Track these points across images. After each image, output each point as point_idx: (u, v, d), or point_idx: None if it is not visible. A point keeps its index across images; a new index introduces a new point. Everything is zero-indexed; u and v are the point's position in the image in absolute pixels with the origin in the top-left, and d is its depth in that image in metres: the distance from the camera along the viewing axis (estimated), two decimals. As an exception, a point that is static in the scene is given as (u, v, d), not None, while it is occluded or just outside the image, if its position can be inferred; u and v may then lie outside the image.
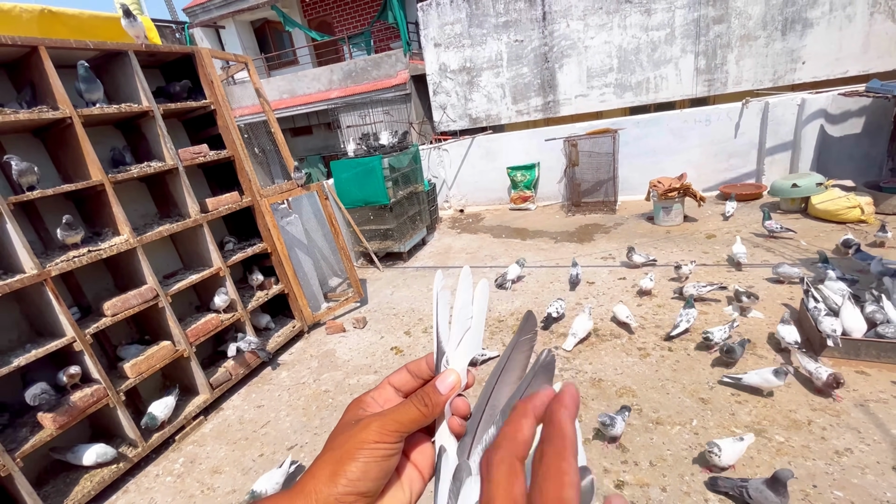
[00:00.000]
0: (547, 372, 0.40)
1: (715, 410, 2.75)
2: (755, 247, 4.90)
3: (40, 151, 3.11)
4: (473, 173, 8.68)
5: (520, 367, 0.42)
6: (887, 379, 2.76)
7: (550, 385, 0.38)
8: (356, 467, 0.36)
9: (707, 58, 7.34)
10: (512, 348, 0.43)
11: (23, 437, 2.57)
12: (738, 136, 6.78)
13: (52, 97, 2.77)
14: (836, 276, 3.59)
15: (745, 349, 3.14)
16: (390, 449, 0.38)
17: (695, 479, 2.33)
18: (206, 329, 3.59)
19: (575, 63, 8.10)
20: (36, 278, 2.57)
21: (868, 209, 5.05)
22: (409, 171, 6.64)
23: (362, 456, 0.36)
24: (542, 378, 0.39)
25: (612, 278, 4.78)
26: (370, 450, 0.37)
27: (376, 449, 0.37)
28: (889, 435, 2.39)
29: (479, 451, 0.39)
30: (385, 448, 0.37)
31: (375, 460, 0.37)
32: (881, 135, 5.83)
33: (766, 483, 2.03)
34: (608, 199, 7.37)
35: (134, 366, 3.07)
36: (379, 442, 0.37)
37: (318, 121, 11.62)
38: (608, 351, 3.52)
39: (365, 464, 0.36)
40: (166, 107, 3.41)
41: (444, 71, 9.07)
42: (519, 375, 0.41)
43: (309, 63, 12.58)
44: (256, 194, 4.05)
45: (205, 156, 3.69)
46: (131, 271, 3.27)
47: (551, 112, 8.61)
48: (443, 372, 0.42)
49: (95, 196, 3.05)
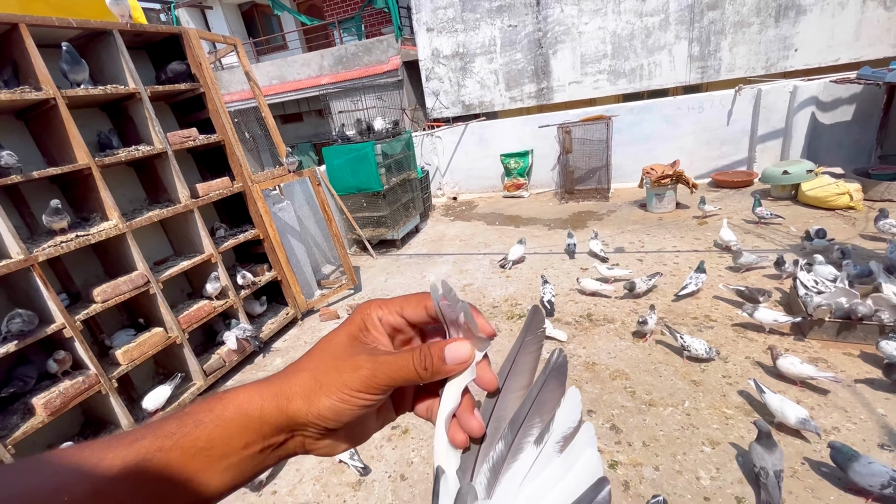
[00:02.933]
0: (559, 376, 0.36)
1: (706, 392, 2.79)
2: (746, 233, 4.95)
3: (24, 134, 3.02)
4: (467, 161, 8.63)
5: (528, 371, 0.37)
6: (873, 360, 2.82)
7: (563, 390, 0.35)
8: (329, 406, 0.35)
9: (701, 44, 7.32)
10: (518, 349, 0.38)
11: (14, 424, 2.54)
12: (730, 124, 6.81)
13: (35, 77, 2.69)
14: (824, 260, 3.63)
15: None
16: (370, 401, 0.36)
17: (687, 458, 2.37)
18: (198, 316, 3.56)
19: (569, 49, 8.04)
20: (22, 263, 2.52)
21: (857, 196, 5.11)
22: (402, 157, 6.58)
23: (339, 398, 0.35)
24: (554, 383, 0.36)
25: (609, 263, 4.79)
26: (349, 396, 0.35)
27: (356, 398, 0.35)
28: (875, 414, 2.45)
29: (485, 472, 0.34)
30: (365, 399, 0.36)
31: (350, 408, 0.36)
32: (871, 122, 5.88)
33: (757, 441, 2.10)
34: (601, 186, 7.39)
35: (126, 352, 3.04)
36: (362, 392, 0.35)
37: (309, 107, 11.44)
38: (601, 335, 3.55)
39: (340, 408, 0.35)
40: (154, 89, 3.32)
41: (436, 56, 8.95)
42: (528, 381, 0.37)
43: (298, 48, 12.35)
44: (248, 180, 3.99)
45: (194, 140, 3.62)
46: (121, 257, 3.21)
47: (545, 99, 8.56)
48: (455, 340, 0.37)
49: (82, 180, 2.98)
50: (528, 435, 0.34)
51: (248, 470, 0.36)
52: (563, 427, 0.34)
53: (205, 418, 0.35)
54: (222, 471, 0.34)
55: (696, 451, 2.40)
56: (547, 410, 0.35)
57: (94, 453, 0.32)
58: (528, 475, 0.34)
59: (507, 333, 3.78)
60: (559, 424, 0.34)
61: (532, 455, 0.34)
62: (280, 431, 0.36)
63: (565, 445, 0.34)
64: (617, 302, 3.99)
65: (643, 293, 3.98)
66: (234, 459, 0.35)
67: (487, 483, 0.34)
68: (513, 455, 0.34)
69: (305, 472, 2.73)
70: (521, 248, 5.12)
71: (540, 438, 0.34)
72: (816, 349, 3.00)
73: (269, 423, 0.35)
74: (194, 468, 0.33)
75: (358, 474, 2.60)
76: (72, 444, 0.33)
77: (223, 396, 0.36)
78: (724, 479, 2.22)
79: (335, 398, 0.35)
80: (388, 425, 0.43)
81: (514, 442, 0.34)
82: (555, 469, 0.33)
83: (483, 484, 0.34)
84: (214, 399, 0.36)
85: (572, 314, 3.92)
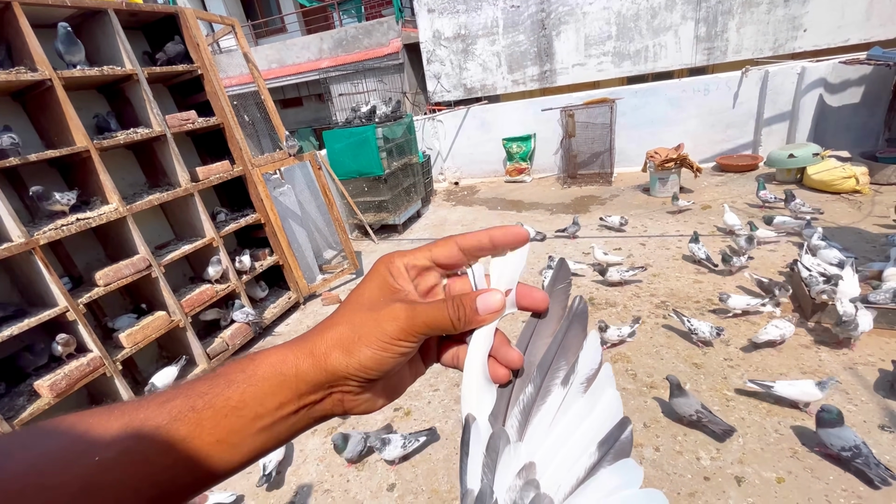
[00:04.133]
0: (581, 321, 0.37)
1: (708, 374, 2.80)
2: (750, 217, 4.90)
3: (21, 116, 2.99)
4: (468, 145, 8.55)
5: (556, 319, 0.38)
6: (875, 344, 2.81)
7: (585, 334, 0.37)
8: (371, 356, 0.35)
9: (707, 25, 7.17)
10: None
11: (20, 406, 2.56)
12: (736, 106, 6.70)
13: (30, 58, 2.65)
14: (826, 245, 3.60)
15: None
16: (409, 348, 0.36)
17: (687, 439, 2.39)
18: (200, 300, 3.57)
19: (573, 30, 7.89)
20: (23, 247, 2.51)
21: (863, 179, 5.05)
22: (404, 141, 6.52)
23: (380, 347, 0.35)
24: (577, 328, 0.37)
25: (607, 248, 4.78)
26: (391, 344, 0.35)
27: (396, 346, 0.35)
28: (876, 396, 2.45)
29: (516, 415, 0.35)
30: (404, 346, 0.36)
31: (392, 356, 0.35)
32: (879, 105, 5.78)
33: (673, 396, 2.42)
34: (604, 170, 7.32)
35: (129, 335, 3.06)
36: (400, 339, 0.35)
37: (309, 91, 11.32)
38: (603, 318, 3.54)
39: (381, 356, 0.35)
40: (151, 70, 3.28)
41: (437, 38, 8.80)
42: (555, 328, 0.38)
43: (297, 31, 12.16)
44: (248, 163, 3.96)
45: (193, 122, 3.58)
46: (122, 241, 3.21)
47: (548, 82, 8.44)
48: (487, 290, 0.38)
49: (81, 163, 2.96)
50: (556, 378, 0.36)
51: (281, 433, 0.35)
52: (587, 368, 0.36)
53: (237, 378, 0.34)
54: (255, 433, 0.34)
55: (696, 433, 2.41)
56: (571, 353, 0.36)
57: (124, 414, 0.31)
58: (557, 415, 0.35)
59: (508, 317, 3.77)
60: (583, 366, 0.36)
61: (560, 396, 0.35)
62: (317, 388, 0.35)
63: (588, 386, 0.35)
64: (619, 286, 3.97)
65: (615, 283, 3.95)
66: (267, 420, 0.34)
67: (518, 426, 0.35)
68: (542, 397, 0.36)
69: (309, 452, 2.76)
70: (533, 233, 5.16)
71: (566, 380, 0.36)
72: (819, 332, 3.00)
73: (305, 381, 0.35)
74: (226, 429, 0.32)
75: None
76: (103, 406, 0.32)
77: (255, 357, 0.36)
78: (725, 460, 2.23)
79: (376, 347, 0.35)
80: (391, 407, 0.43)
81: (542, 384, 0.36)
82: (580, 408, 0.35)
83: (514, 427, 0.35)
84: (246, 360, 0.35)
85: (573, 297, 3.91)
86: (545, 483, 0.33)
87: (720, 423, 2.32)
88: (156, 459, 0.31)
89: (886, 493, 1.94)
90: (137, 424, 0.31)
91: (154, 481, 0.31)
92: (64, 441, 0.30)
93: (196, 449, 0.32)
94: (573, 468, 0.33)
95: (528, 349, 0.38)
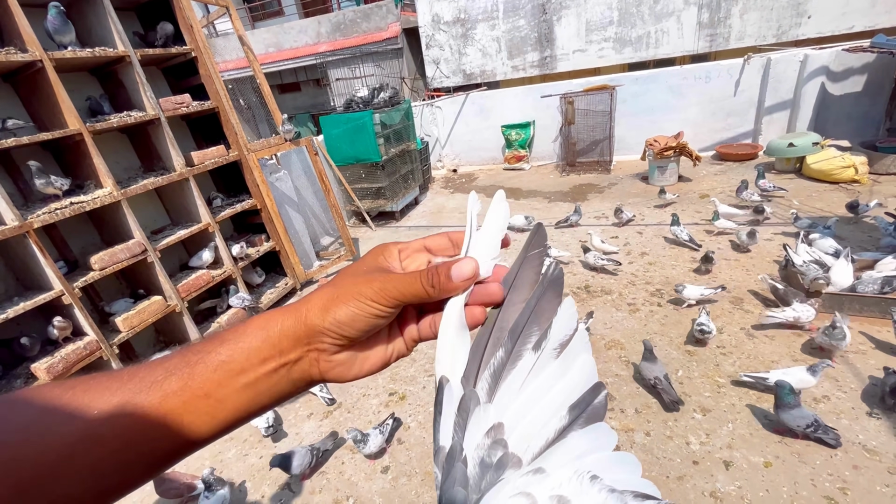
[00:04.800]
0: (556, 287, 0.37)
1: (700, 362, 2.82)
2: (748, 206, 4.89)
3: (12, 98, 2.96)
4: (467, 132, 8.49)
5: (528, 285, 0.38)
6: (867, 332, 2.84)
7: (560, 300, 0.37)
8: (346, 312, 0.37)
9: (711, 11, 7.07)
10: (520, 265, 0.39)
11: (17, 389, 2.58)
12: (737, 94, 6.64)
13: (20, 38, 2.60)
14: (820, 234, 3.60)
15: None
16: (383, 311, 0.38)
17: (678, 424, 2.42)
18: (197, 285, 3.57)
19: (574, 15, 7.77)
20: (17, 230, 2.51)
21: (862, 169, 5.04)
22: (402, 127, 6.47)
23: (355, 306, 0.37)
24: (551, 294, 0.37)
25: (604, 237, 4.78)
26: (364, 304, 0.37)
27: (369, 306, 0.37)
28: (865, 383, 2.48)
29: (486, 378, 0.35)
30: (378, 309, 0.38)
31: (365, 315, 0.38)
32: (882, 93, 5.73)
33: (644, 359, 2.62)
34: (603, 158, 7.28)
35: (126, 319, 3.07)
36: (374, 301, 0.37)
37: (307, 76, 11.18)
38: (598, 306, 3.57)
39: (355, 314, 0.37)
40: (143, 52, 3.23)
41: (437, 23, 8.67)
42: (527, 295, 0.38)
43: (295, 14, 11.97)
44: (244, 148, 3.93)
45: (188, 106, 3.54)
46: (117, 225, 3.20)
47: (548, 68, 8.34)
48: (461, 258, 0.39)
49: (74, 147, 2.94)
50: (527, 343, 0.36)
51: (263, 393, 0.38)
52: (560, 334, 0.36)
53: (228, 337, 0.38)
54: (240, 389, 0.36)
55: (687, 418, 2.44)
56: (545, 319, 0.36)
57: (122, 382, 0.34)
58: (527, 379, 0.35)
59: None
60: (556, 332, 0.36)
61: (531, 361, 0.35)
62: (297, 344, 0.38)
63: (561, 351, 0.35)
64: (614, 274, 3.99)
65: (591, 264, 4.03)
66: (251, 376, 0.37)
67: (489, 388, 0.35)
68: (512, 361, 0.36)
69: (305, 435, 2.79)
70: (523, 220, 5.19)
71: (538, 345, 0.36)
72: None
73: (287, 336, 0.38)
74: (214, 383, 0.36)
75: (325, 404, 2.93)
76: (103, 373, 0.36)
77: (247, 320, 0.39)
78: (714, 445, 2.26)
79: (352, 305, 0.37)
80: (386, 391, 0.46)
81: (513, 349, 0.36)
82: (552, 372, 0.35)
83: (484, 389, 0.35)
84: (239, 323, 0.39)
85: (570, 286, 3.92)
86: (513, 443, 0.34)
87: (672, 394, 2.48)
88: (152, 412, 0.33)
89: (870, 477, 1.98)
90: (135, 382, 0.34)
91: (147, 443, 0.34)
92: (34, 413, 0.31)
93: (186, 399, 0.35)
94: (542, 430, 0.34)
95: (499, 315, 0.38)
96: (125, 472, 0.33)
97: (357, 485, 2.41)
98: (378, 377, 3.14)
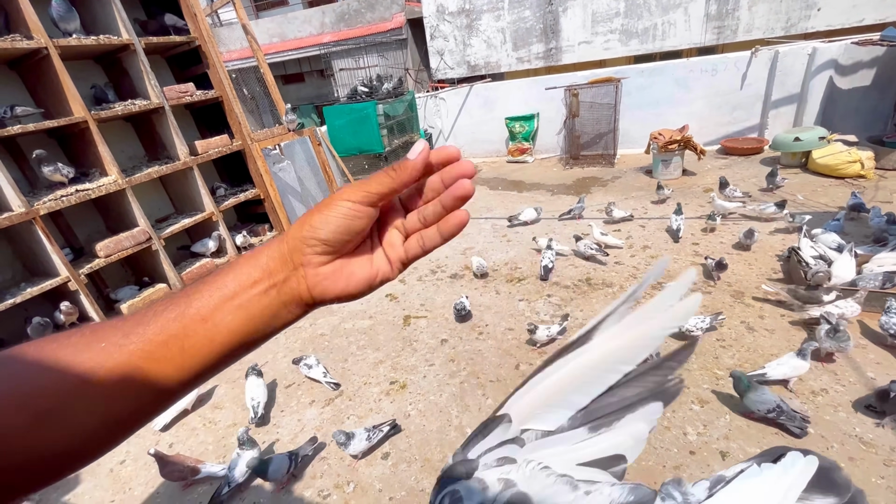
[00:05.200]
0: (662, 399, 0.38)
1: (699, 354, 2.84)
2: (752, 200, 4.88)
3: (19, 86, 2.98)
4: (471, 124, 8.45)
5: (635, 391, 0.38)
6: (867, 326, 2.84)
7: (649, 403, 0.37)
8: (319, 217, 0.41)
9: (719, 2, 6.98)
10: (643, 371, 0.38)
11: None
12: (744, 88, 6.58)
13: (26, 26, 2.62)
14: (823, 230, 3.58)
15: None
16: (355, 209, 0.40)
17: (675, 415, 2.44)
18: (201, 273, 3.61)
19: (580, 6, 7.69)
20: (24, 216, 2.54)
21: (868, 164, 5.00)
22: (405, 119, 6.47)
23: (327, 209, 0.40)
24: (650, 399, 0.37)
25: (606, 230, 4.78)
26: (336, 205, 0.40)
27: (341, 206, 0.40)
28: (864, 377, 2.48)
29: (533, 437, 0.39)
30: (350, 207, 0.40)
31: (338, 215, 0.40)
32: (891, 87, 5.67)
33: None
34: (607, 152, 7.25)
35: (131, 306, 3.11)
36: (346, 200, 0.40)
37: (311, 67, 11.15)
38: (599, 299, 3.58)
39: (327, 215, 0.40)
40: (148, 40, 3.24)
41: (441, 13, 8.61)
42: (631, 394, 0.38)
43: (299, 3, 11.90)
44: (247, 138, 3.94)
45: (191, 95, 3.55)
46: (122, 213, 3.23)
47: (553, 60, 8.28)
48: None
49: (79, 134, 2.96)
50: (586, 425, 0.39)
51: (255, 314, 0.41)
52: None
53: (224, 268, 0.42)
54: (234, 309, 0.40)
55: (685, 409, 2.46)
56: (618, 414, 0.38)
57: (134, 314, 0.39)
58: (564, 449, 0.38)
59: (505, 296, 3.82)
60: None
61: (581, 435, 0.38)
62: (284, 265, 0.41)
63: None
64: (616, 267, 3.99)
65: (581, 252, 4.11)
66: (244, 297, 0.40)
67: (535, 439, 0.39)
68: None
69: (307, 421, 2.83)
70: (534, 213, 5.18)
71: (595, 428, 0.38)
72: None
73: (274, 258, 0.41)
74: (211, 307, 0.39)
75: (331, 389, 2.94)
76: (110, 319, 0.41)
77: (239, 256, 0.45)
78: (711, 436, 2.28)
79: (325, 210, 0.41)
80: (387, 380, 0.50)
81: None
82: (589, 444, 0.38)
83: (532, 439, 0.38)
84: (233, 259, 0.45)
85: (571, 278, 3.94)
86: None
87: None
88: (154, 337, 0.37)
89: (865, 469, 1.99)
90: (141, 314, 0.39)
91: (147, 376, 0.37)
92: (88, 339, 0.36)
93: (186, 321, 0.38)
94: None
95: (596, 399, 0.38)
96: (135, 400, 0.36)
97: (357, 470, 2.44)
98: (379, 366, 3.18)
